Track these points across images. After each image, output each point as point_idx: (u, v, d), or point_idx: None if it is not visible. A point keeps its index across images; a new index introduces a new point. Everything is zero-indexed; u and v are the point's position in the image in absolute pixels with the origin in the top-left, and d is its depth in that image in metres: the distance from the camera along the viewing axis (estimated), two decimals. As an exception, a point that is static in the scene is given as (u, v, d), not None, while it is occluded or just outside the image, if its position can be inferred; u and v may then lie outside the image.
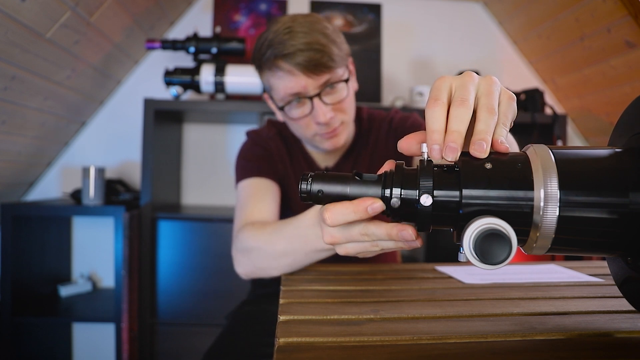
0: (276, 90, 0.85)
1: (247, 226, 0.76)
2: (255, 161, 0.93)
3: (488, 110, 0.40)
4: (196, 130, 1.85)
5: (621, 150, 0.38)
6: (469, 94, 0.41)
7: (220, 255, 1.50)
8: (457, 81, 0.43)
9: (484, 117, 0.40)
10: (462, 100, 0.40)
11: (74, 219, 1.79)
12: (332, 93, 0.84)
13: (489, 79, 0.43)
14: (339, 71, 0.84)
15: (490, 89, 0.42)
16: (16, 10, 1.04)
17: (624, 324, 0.42)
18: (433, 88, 0.42)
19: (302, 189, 0.43)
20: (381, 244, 0.46)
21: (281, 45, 0.80)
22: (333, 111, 0.84)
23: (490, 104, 0.41)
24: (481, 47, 1.92)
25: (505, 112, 0.42)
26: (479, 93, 0.42)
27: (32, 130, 1.46)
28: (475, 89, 0.42)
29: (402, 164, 0.42)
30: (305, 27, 0.81)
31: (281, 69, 0.81)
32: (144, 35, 1.66)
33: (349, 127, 0.90)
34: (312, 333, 0.40)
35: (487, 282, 0.60)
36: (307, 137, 0.89)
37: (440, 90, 0.42)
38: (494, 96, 0.41)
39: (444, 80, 0.42)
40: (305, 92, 0.82)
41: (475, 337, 0.39)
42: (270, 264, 0.68)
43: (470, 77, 0.42)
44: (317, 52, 0.80)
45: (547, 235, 0.36)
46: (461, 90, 0.41)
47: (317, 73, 0.80)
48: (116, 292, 1.44)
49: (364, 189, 0.42)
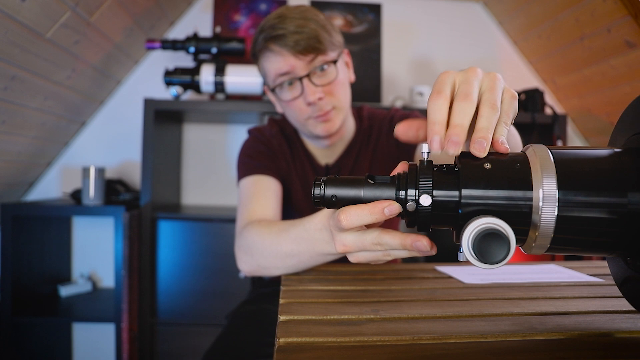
0: (268, 73, 0.89)
1: (252, 224, 0.76)
2: (258, 158, 0.93)
3: (491, 106, 0.40)
4: (196, 130, 1.85)
5: (621, 150, 0.38)
6: (473, 89, 0.41)
7: (220, 255, 1.50)
8: (461, 76, 0.42)
9: (487, 113, 0.40)
10: (466, 94, 0.40)
11: (74, 219, 1.79)
12: (323, 75, 0.87)
13: (492, 76, 0.42)
14: (329, 55, 0.87)
15: (494, 85, 0.41)
16: (16, 10, 1.04)
17: (624, 324, 0.42)
18: (437, 81, 0.42)
19: (315, 194, 0.42)
20: (394, 253, 0.46)
21: (271, 29, 0.85)
22: (323, 93, 0.87)
23: (493, 100, 0.40)
24: (481, 47, 1.92)
25: (507, 110, 0.41)
26: (482, 89, 0.42)
27: (32, 130, 1.46)
28: (479, 84, 0.42)
29: (416, 165, 0.41)
30: (295, 14, 0.86)
31: (271, 50, 0.86)
32: (144, 35, 1.66)
33: (342, 114, 0.91)
34: (312, 333, 0.40)
35: (487, 282, 0.60)
36: (301, 121, 0.90)
37: (444, 84, 0.41)
38: (497, 92, 0.41)
39: (448, 75, 0.42)
40: (295, 73, 0.86)
41: (475, 337, 0.39)
42: (274, 264, 0.68)
43: (474, 73, 0.42)
44: (305, 34, 0.84)
45: (546, 235, 0.36)
46: (465, 85, 0.41)
47: (305, 54, 0.84)
48: (116, 292, 1.44)
49: (378, 192, 0.41)
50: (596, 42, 1.46)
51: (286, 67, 0.85)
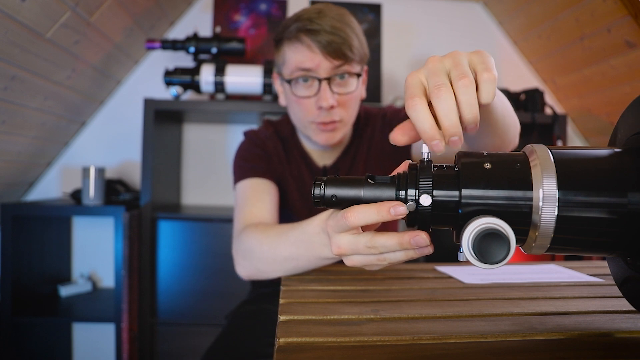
0: (288, 63, 0.86)
1: (249, 228, 0.75)
2: (253, 161, 0.92)
3: (460, 79, 0.40)
4: (196, 130, 1.85)
5: (621, 150, 0.38)
6: (442, 78, 0.40)
7: (220, 255, 1.50)
8: (425, 71, 0.42)
9: (462, 91, 0.40)
10: (438, 87, 0.40)
11: (74, 219, 1.79)
12: (342, 85, 0.86)
13: (452, 54, 0.42)
14: (354, 66, 0.86)
15: (457, 60, 0.41)
16: (16, 10, 1.04)
17: (624, 324, 0.42)
18: (406, 87, 0.42)
19: (315, 194, 0.42)
20: (389, 257, 0.45)
21: (308, 22, 0.82)
22: (337, 103, 0.85)
23: (460, 72, 0.40)
24: (481, 47, 1.90)
25: (483, 65, 0.41)
26: (447, 69, 0.41)
27: (32, 130, 1.46)
28: (444, 69, 0.41)
29: (416, 165, 0.41)
30: (335, 14, 0.84)
31: (302, 42, 0.83)
32: (144, 35, 1.66)
33: (346, 127, 0.90)
34: (312, 333, 0.40)
35: (487, 282, 0.60)
36: (304, 122, 0.89)
37: (414, 87, 0.41)
38: (462, 63, 0.41)
39: (413, 77, 0.42)
40: (317, 72, 0.83)
41: (475, 337, 0.39)
42: (272, 268, 0.68)
43: (434, 62, 0.42)
44: (339, 37, 0.82)
45: (546, 235, 0.36)
46: (433, 78, 0.41)
47: (334, 57, 0.82)
48: (116, 292, 1.44)
49: (378, 192, 0.41)
50: (596, 42, 1.46)
51: (311, 64, 0.83)
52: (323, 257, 0.60)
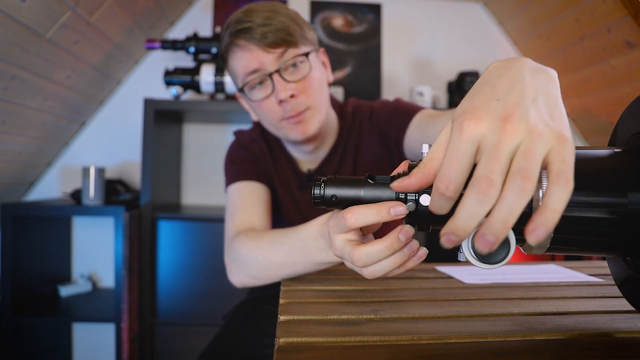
0: (237, 73, 0.82)
1: (241, 235, 0.73)
2: (243, 164, 0.90)
3: (521, 178, 0.29)
4: (196, 130, 1.85)
5: (621, 150, 0.38)
6: (501, 166, 0.29)
7: (220, 255, 1.48)
8: (492, 135, 0.30)
9: (509, 196, 0.29)
10: (489, 181, 0.29)
11: (74, 219, 1.79)
12: (295, 72, 0.81)
13: (534, 125, 0.30)
14: (301, 48, 0.81)
15: (531, 146, 0.29)
16: (16, 10, 1.04)
17: (624, 324, 0.42)
18: (456, 137, 0.31)
19: (315, 194, 0.42)
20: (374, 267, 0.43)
21: (237, 23, 0.78)
22: (296, 91, 0.80)
23: (526, 166, 0.29)
24: (481, 47, 1.91)
25: (562, 173, 0.29)
26: (515, 148, 0.30)
27: (32, 130, 1.46)
28: (512, 150, 0.30)
29: (416, 164, 0.41)
30: (264, 8, 0.80)
31: (238, 46, 0.79)
32: (144, 35, 1.66)
33: (319, 115, 0.84)
34: (312, 333, 0.40)
35: (487, 282, 0.60)
36: (275, 124, 0.84)
37: (463, 153, 0.31)
38: (536, 155, 0.29)
39: (473, 126, 0.31)
40: (264, 69, 0.79)
41: (475, 337, 0.39)
42: (267, 275, 0.67)
43: (512, 131, 0.30)
44: (273, 26, 0.77)
45: (546, 235, 0.36)
46: (492, 161, 0.29)
47: (274, 47, 0.78)
48: (116, 292, 1.44)
49: (378, 192, 0.41)
50: (596, 42, 1.46)
51: (255, 64, 0.79)
52: (320, 262, 0.59)
